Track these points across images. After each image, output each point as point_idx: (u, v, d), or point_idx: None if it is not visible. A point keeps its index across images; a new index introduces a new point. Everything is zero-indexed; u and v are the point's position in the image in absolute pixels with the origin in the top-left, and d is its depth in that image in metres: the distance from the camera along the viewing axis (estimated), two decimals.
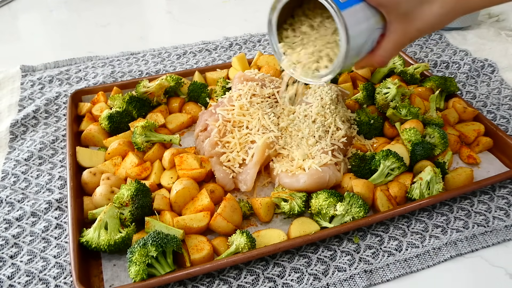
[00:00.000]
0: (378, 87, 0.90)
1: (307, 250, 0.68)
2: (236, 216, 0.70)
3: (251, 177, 0.75)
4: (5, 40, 1.28)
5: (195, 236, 0.67)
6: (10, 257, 0.67)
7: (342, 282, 0.64)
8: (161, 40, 1.28)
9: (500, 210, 0.74)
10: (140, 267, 0.59)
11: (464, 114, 0.89)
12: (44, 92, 1.03)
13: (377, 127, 0.85)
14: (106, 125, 0.85)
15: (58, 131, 0.91)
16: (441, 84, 0.93)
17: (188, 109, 0.94)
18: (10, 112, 0.96)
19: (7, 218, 0.72)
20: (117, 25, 1.36)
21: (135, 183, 0.68)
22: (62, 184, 0.79)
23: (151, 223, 0.67)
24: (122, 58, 1.15)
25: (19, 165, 0.82)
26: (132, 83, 0.97)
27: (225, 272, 0.65)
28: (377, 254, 0.68)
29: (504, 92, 1.02)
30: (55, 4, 1.49)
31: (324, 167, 0.73)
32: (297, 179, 0.73)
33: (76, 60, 1.14)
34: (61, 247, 0.69)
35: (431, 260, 0.67)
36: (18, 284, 0.64)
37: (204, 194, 0.71)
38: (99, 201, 0.71)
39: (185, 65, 1.13)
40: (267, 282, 0.64)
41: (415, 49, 1.19)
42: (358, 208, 0.68)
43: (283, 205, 0.71)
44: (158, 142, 0.81)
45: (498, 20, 1.33)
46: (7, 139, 0.89)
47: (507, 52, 1.16)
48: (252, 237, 0.65)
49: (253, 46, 1.21)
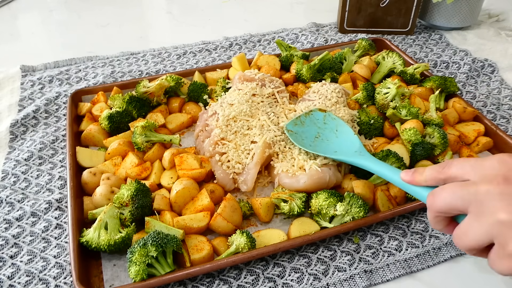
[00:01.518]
0: (378, 87, 0.90)
1: (307, 250, 0.68)
2: (236, 216, 0.70)
3: (252, 177, 0.75)
4: (5, 40, 1.28)
5: (195, 236, 0.67)
6: (10, 257, 0.67)
7: (342, 282, 0.64)
8: (161, 40, 1.28)
9: None
10: (140, 267, 0.59)
11: (464, 114, 0.89)
12: (44, 92, 1.03)
13: (377, 127, 0.85)
14: (106, 125, 0.85)
15: (58, 131, 0.91)
16: (441, 84, 0.93)
17: (188, 109, 0.94)
18: (10, 112, 0.96)
19: (7, 218, 0.72)
20: (117, 25, 1.36)
21: (135, 183, 0.68)
22: (62, 184, 0.79)
23: (151, 223, 0.67)
24: (122, 58, 1.15)
25: (19, 165, 0.82)
26: (132, 83, 0.97)
27: (225, 272, 0.65)
28: (377, 254, 0.68)
29: (504, 92, 1.02)
30: (55, 4, 1.49)
31: (324, 168, 0.73)
32: (297, 179, 0.73)
33: (76, 60, 1.14)
34: (61, 247, 0.69)
35: (431, 260, 0.67)
36: (18, 284, 0.64)
37: (204, 194, 0.71)
38: (99, 201, 0.71)
39: (185, 65, 1.13)
40: (267, 282, 0.64)
41: (415, 49, 1.19)
42: (358, 208, 0.68)
43: (283, 206, 0.71)
44: (158, 142, 0.81)
45: (498, 20, 1.33)
46: (7, 139, 0.89)
47: (507, 52, 1.16)
48: (252, 237, 0.65)
49: (253, 46, 1.21)
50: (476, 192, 0.44)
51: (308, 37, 1.24)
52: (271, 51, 1.19)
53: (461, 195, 0.45)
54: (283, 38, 1.24)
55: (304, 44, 1.21)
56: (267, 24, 1.32)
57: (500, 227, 0.42)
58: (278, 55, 1.05)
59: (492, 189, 0.43)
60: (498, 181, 0.43)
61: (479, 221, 0.44)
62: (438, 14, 1.23)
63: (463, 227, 0.46)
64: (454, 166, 0.48)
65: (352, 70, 1.02)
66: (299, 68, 0.98)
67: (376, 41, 1.13)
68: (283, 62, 1.03)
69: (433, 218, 0.50)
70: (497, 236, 0.43)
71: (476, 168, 0.46)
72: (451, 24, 1.24)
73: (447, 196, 0.47)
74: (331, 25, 1.30)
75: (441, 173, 0.50)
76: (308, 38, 1.23)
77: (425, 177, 0.52)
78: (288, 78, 0.99)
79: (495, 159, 0.46)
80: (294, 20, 1.35)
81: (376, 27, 1.24)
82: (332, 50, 1.09)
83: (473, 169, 0.46)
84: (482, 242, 0.44)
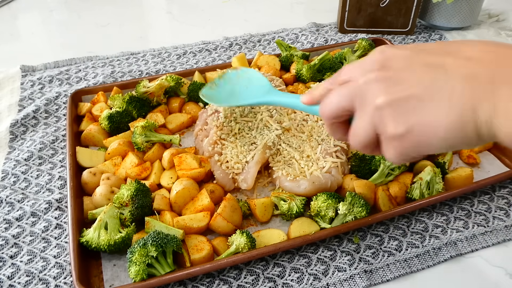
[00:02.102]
0: None
1: (307, 250, 0.68)
2: (236, 216, 0.70)
3: (252, 175, 0.74)
4: (5, 40, 1.28)
5: (195, 236, 0.67)
6: (10, 257, 0.67)
7: (342, 282, 0.64)
8: (161, 40, 1.28)
9: (500, 210, 0.74)
10: (140, 267, 0.59)
11: None
12: (44, 92, 1.03)
13: None
14: (106, 125, 0.85)
15: (58, 131, 0.91)
16: None
17: (188, 109, 0.94)
18: (10, 112, 0.96)
19: (7, 218, 0.72)
20: (117, 25, 1.36)
21: (135, 183, 0.68)
22: (62, 184, 0.79)
23: (151, 223, 0.67)
24: (122, 58, 1.15)
25: (19, 165, 0.82)
26: (132, 83, 0.97)
27: (225, 272, 0.65)
28: (377, 254, 0.68)
29: None
30: (55, 4, 1.49)
31: (326, 174, 0.73)
32: (298, 184, 0.73)
33: (76, 60, 1.14)
34: (61, 247, 0.69)
35: (431, 260, 0.67)
36: (18, 284, 0.64)
37: (204, 194, 0.71)
38: (99, 201, 0.71)
39: (185, 65, 1.13)
40: (267, 282, 0.64)
41: None
42: (360, 207, 0.68)
43: (282, 204, 0.71)
44: (158, 142, 0.81)
45: (498, 20, 1.33)
46: (7, 139, 0.89)
47: None
48: (252, 237, 0.65)
49: (253, 46, 1.21)
50: (358, 86, 0.42)
51: (308, 37, 1.23)
52: (271, 51, 1.19)
53: (346, 93, 0.43)
54: (283, 38, 1.24)
55: (304, 44, 1.21)
56: (267, 24, 1.32)
57: (378, 112, 0.40)
58: (278, 55, 1.05)
59: (369, 78, 0.41)
60: (375, 68, 0.42)
61: (363, 113, 0.42)
62: (438, 14, 1.23)
63: (353, 125, 0.44)
64: (343, 71, 0.46)
65: None
66: (299, 68, 0.98)
67: (376, 41, 1.13)
68: (283, 62, 1.03)
69: (329, 127, 0.48)
70: (378, 123, 0.41)
71: (360, 65, 0.44)
72: (451, 24, 1.24)
73: (333, 99, 0.45)
74: (331, 25, 1.30)
75: (333, 82, 0.47)
76: (308, 38, 1.23)
77: (320, 91, 0.49)
78: (288, 78, 0.99)
79: (375, 51, 0.44)
80: (294, 20, 1.35)
81: (376, 27, 1.24)
82: (332, 50, 1.09)
83: (357, 67, 0.44)
84: (370, 134, 0.42)
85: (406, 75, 0.40)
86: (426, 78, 0.39)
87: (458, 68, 0.38)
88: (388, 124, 0.40)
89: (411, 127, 0.39)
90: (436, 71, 0.39)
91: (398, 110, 0.39)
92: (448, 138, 0.38)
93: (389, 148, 0.41)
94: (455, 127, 0.38)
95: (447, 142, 0.39)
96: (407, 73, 0.40)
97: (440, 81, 0.38)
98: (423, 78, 0.39)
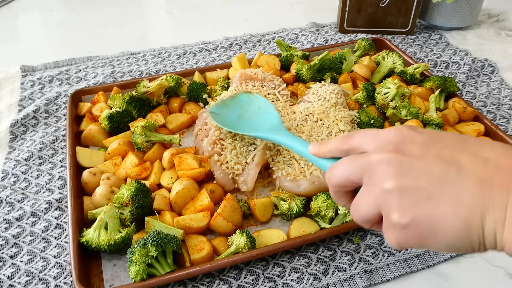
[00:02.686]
0: (378, 87, 0.90)
1: (307, 250, 0.68)
2: (236, 216, 0.70)
3: (252, 177, 0.74)
4: (5, 40, 1.28)
5: (195, 236, 0.67)
6: (10, 257, 0.67)
7: (342, 282, 0.64)
8: (161, 40, 1.28)
9: None
10: (140, 267, 0.59)
11: (464, 114, 0.89)
12: (44, 92, 1.03)
13: (377, 127, 0.85)
14: (106, 125, 0.85)
15: (58, 131, 0.91)
16: (441, 84, 0.93)
17: (188, 109, 0.94)
18: (10, 112, 0.96)
19: (7, 218, 0.72)
20: (117, 25, 1.36)
21: (135, 183, 0.68)
22: (62, 184, 0.79)
23: (151, 223, 0.67)
24: (122, 58, 1.15)
25: (19, 165, 0.82)
26: (132, 83, 0.97)
27: (225, 272, 0.65)
28: (377, 254, 0.68)
29: (504, 92, 1.02)
30: (55, 4, 1.49)
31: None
32: (298, 184, 0.73)
33: (76, 60, 1.14)
34: (61, 247, 0.69)
35: (431, 260, 0.67)
36: (18, 284, 0.64)
37: (204, 194, 0.71)
38: (99, 201, 0.71)
39: (185, 65, 1.13)
40: (267, 282, 0.64)
41: (415, 49, 1.19)
42: None
43: (282, 204, 0.71)
44: (158, 142, 0.81)
45: (498, 20, 1.33)
46: (7, 139, 0.89)
47: (507, 52, 1.16)
48: (252, 237, 0.65)
49: (253, 46, 1.21)
50: (368, 162, 0.42)
51: (308, 37, 1.24)
52: (271, 51, 1.19)
53: (355, 167, 0.43)
54: (283, 38, 1.24)
55: (304, 44, 1.21)
56: (267, 24, 1.32)
57: (385, 195, 0.40)
58: (278, 55, 1.05)
59: (382, 158, 0.41)
60: (389, 149, 0.41)
61: (369, 191, 0.41)
62: (438, 14, 1.23)
63: (357, 198, 0.43)
64: (356, 136, 0.46)
65: (352, 70, 1.02)
66: (299, 68, 0.98)
67: (376, 41, 1.13)
68: (283, 62, 1.03)
69: (333, 194, 0.47)
70: (383, 206, 0.40)
71: (375, 138, 0.43)
72: (451, 24, 1.24)
73: (342, 168, 0.44)
74: (331, 25, 1.30)
75: (344, 143, 0.47)
76: (308, 38, 1.23)
77: (329, 148, 0.49)
78: (288, 78, 0.99)
79: (392, 129, 0.43)
80: (294, 20, 1.35)
81: (376, 27, 1.24)
82: (332, 50, 1.09)
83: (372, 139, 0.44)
84: (372, 213, 0.42)
85: (419, 164, 0.39)
86: (439, 173, 0.38)
87: (473, 169, 0.37)
88: (393, 211, 0.39)
89: (416, 220, 0.38)
90: (450, 167, 0.38)
91: (405, 199, 0.39)
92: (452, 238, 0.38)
93: (391, 234, 0.41)
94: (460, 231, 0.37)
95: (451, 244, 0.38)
96: (420, 162, 0.39)
97: (452, 180, 0.37)
98: (435, 172, 0.38)
